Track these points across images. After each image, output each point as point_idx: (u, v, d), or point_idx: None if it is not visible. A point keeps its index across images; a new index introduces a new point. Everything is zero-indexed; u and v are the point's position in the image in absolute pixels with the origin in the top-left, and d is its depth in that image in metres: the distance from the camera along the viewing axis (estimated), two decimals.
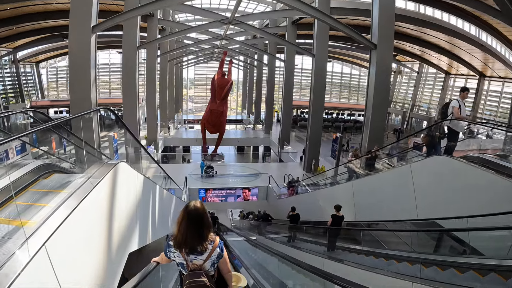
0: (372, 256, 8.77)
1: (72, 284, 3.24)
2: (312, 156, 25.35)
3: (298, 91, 54.63)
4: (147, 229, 6.74)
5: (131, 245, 5.40)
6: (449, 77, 38.93)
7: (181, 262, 3.05)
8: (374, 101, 17.43)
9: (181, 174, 22.84)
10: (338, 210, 10.22)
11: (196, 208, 3.00)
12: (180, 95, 56.83)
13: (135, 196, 5.70)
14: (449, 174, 7.54)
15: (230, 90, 33.44)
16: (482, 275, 5.52)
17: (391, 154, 13.33)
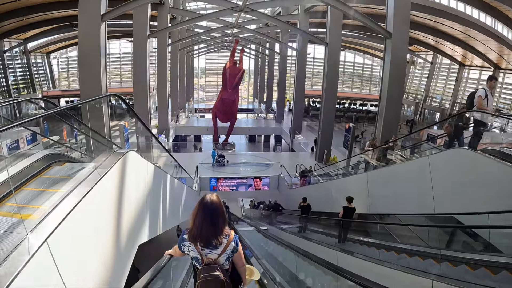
0: (384, 249, 8.66)
1: (77, 279, 3.12)
2: (324, 146, 25.08)
3: (310, 81, 54.02)
4: (158, 220, 6.64)
5: (141, 237, 5.29)
6: (463, 69, 38.02)
7: (196, 256, 2.99)
8: (389, 91, 17.13)
9: (192, 163, 22.77)
10: (350, 202, 10.01)
11: (212, 201, 2.94)
12: (191, 84, 56.67)
13: (145, 186, 5.57)
14: (471, 168, 7.22)
15: (241, 79, 33.19)
16: (494, 272, 5.43)
17: (405, 146, 13.09)
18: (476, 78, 36.08)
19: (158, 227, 6.57)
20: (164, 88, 30.38)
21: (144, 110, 23.35)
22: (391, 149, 12.11)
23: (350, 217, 10.01)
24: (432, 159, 8.59)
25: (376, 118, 18.94)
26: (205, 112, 46.01)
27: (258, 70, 56.25)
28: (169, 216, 7.95)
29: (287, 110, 47.49)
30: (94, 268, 3.58)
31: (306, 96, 44.33)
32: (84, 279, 3.32)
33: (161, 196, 7.06)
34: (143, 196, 5.44)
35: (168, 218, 7.87)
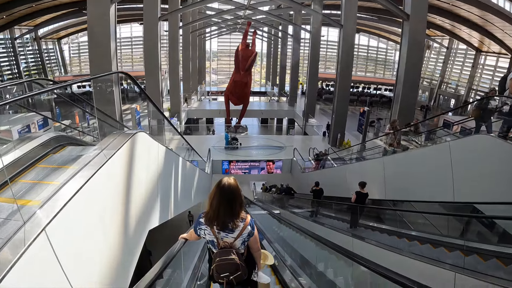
0: (395, 236, 8.56)
1: (81, 269, 2.97)
2: (337, 130, 24.75)
3: (323, 64, 53.29)
4: (169, 204, 6.52)
5: (151, 221, 5.15)
6: (480, 55, 37.05)
7: (212, 239, 3.02)
8: (406, 75, 16.78)
9: (205, 146, 22.70)
10: (362, 187, 9.85)
11: (230, 184, 2.91)
12: (203, 67, 56.43)
13: (155, 168, 5.41)
14: (496, 156, 6.91)
15: (254, 61, 32.87)
16: (506, 264, 5.41)
17: (419, 132, 12.80)
18: (493, 65, 35.18)
19: (169, 211, 6.46)
20: (176, 71, 30.20)
21: (156, 93, 23.27)
22: (414, 133, 11.74)
23: (363, 203, 9.88)
24: (453, 145, 8.23)
25: (392, 102, 18.64)
26: (218, 95, 45.81)
27: (271, 53, 55.76)
28: (180, 200, 7.84)
29: (300, 93, 47.08)
30: (100, 256, 3.41)
31: (319, 79, 43.81)
32: (89, 268, 3.17)
33: (173, 179, 6.91)
34: (153, 179, 5.29)
35: (180, 201, 7.76)
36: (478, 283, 4.64)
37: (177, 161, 7.39)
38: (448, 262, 5.60)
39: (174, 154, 7.03)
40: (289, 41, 44.01)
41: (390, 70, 53.29)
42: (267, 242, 8.42)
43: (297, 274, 5.45)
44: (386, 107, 43.24)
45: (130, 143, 4.12)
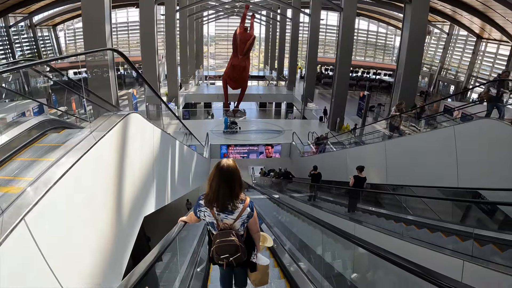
0: (393, 220, 8.57)
1: (67, 262, 2.77)
2: (337, 114, 24.61)
3: (322, 48, 52.69)
4: (165, 189, 6.35)
5: (146, 208, 4.95)
6: (480, 41, 36.48)
7: (211, 221, 3.04)
8: (407, 60, 16.57)
9: (203, 130, 22.62)
10: (360, 171, 9.86)
11: (228, 166, 2.96)
12: (201, 52, 55.79)
13: (150, 152, 5.21)
14: (502, 140, 6.81)
15: (252, 45, 32.48)
16: (502, 250, 5.39)
17: (420, 117, 12.66)
18: (493, 52, 34.72)
19: (166, 196, 6.31)
20: (173, 55, 29.84)
21: (153, 78, 22.95)
22: (420, 116, 11.51)
23: (361, 187, 9.88)
24: (458, 129, 8.03)
25: (393, 87, 18.49)
26: (215, 80, 45.48)
27: (269, 37, 55.16)
28: (178, 185, 7.69)
29: (299, 77, 46.72)
30: (90, 246, 3.19)
31: (318, 64, 43.47)
32: (76, 260, 2.95)
33: (169, 163, 6.71)
34: (148, 163, 5.10)
35: (177, 186, 7.61)
36: (474, 267, 4.65)
37: (174, 144, 7.20)
38: (445, 247, 5.61)
39: (170, 137, 6.83)
40: (287, 25, 43.44)
41: (390, 55, 52.76)
42: (266, 226, 8.38)
43: (296, 258, 5.42)
44: (385, 92, 43.39)
45: (122, 124, 3.90)
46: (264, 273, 3.52)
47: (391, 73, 46.86)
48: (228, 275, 3.67)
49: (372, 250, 2.94)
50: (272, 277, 4.99)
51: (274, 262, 5.83)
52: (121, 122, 3.87)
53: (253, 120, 32.59)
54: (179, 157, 7.89)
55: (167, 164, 6.55)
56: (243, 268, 3.48)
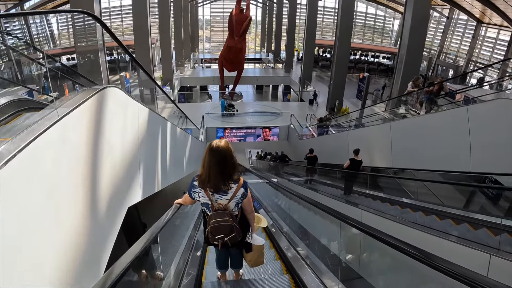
0: (388, 203, 8.44)
1: (18, 267, 2.16)
2: (335, 96, 24.11)
3: (320, 30, 51.73)
4: (155, 174, 5.79)
5: (131, 197, 4.34)
6: (480, 26, 35.60)
7: (206, 202, 3.08)
8: (410, 42, 16.12)
9: (198, 113, 22.08)
10: (356, 154, 9.83)
11: (220, 146, 2.93)
12: (196, 35, 54.86)
13: (135, 133, 4.62)
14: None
15: (248, 26, 31.71)
16: (495, 234, 5.26)
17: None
18: (493, 37, 33.96)
19: (156, 182, 5.75)
20: (167, 38, 29.08)
21: (146, 62, 22.30)
22: (438, 93, 10.71)
23: (357, 170, 9.87)
24: (472, 110, 7.48)
25: (394, 70, 18.00)
26: (211, 63, 44.71)
27: (266, 19, 54.16)
28: (170, 169, 7.12)
29: (296, 60, 46.01)
30: (53, 245, 2.57)
31: (315, 46, 42.76)
32: (33, 262, 2.35)
33: (159, 146, 6.13)
34: (132, 146, 4.49)
35: (170, 171, 7.05)
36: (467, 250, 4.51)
37: (165, 126, 6.61)
38: (439, 229, 5.45)
39: (160, 117, 6.22)
40: (284, 6, 42.63)
41: (388, 38, 51.89)
42: (264, 211, 8.07)
43: (294, 243, 5.20)
44: (384, 74, 43.24)
45: (95, 100, 3.29)
46: (260, 253, 3.59)
47: (390, 56, 46.69)
48: (224, 256, 3.77)
49: (366, 231, 2.79)
50: (268, 258, 5.00)
51: (270, 243, 5.86)
52: (94, 97, 3.26)
53: (250, 103, 32.07)
54: (171, 140, 7.30)
55: (157, 147, 5.93)
56: (239, 249, 3.57)
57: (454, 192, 7.46)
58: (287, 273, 4.43)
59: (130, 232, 4.16)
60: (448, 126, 8.35)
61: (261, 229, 6.60)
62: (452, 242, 4.73)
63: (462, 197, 7.24)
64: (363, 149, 10.11)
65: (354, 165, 9.76)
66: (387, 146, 10.62)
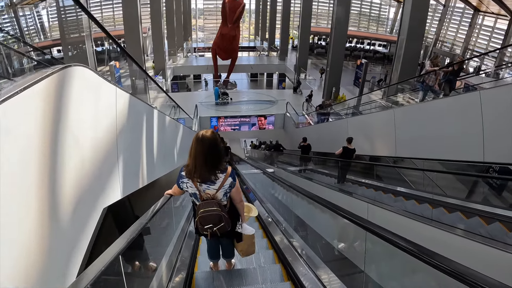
0: (381, 191, 8.33)
1: None
2: (332, 84, 23.61)
3: (314, 18, 50.90)
4: (138, 168, 5.19)
5: (106, 196, 3.72)
6: (477, 14, 35.11)
7: (194, 192, 3.07)
8: (410, 29, 15.80)
9: (192, 102, 21.52)
10: (349, 142, 9.89)
11: (205, 136, 2.93)
12: (189, 24, 53.86)
13: (111, 122, 3.98)
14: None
15: (242, 13, 31.23)
16: (488, 223, 5.29)
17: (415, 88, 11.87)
18: (490, 26, 33.44)
19: (139, 177, 5.16)
20: (159, 27, 28.43)
21: (137, 51, 21.73)
22: (457, 74, 9.90)
23: (349, 158, 9.87)
24: (485, 95, 6.92)
25: (394, 57, 17.68)
26: (205, 51, 43.97)
27: (260, 7, 53.21)
28: (158, 162, 6.52)
29: (291, 48, 45.35)
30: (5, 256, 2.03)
31: (311, 34, 42.16)
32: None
33: (143, 137, 5.51)
34: (108, 137, 3.86)
35: (157, 164, 6.45)
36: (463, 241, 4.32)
37: (150, 114, 5.99)
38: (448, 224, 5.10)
39: (144, 104, 5.59)
40: None
41: (384, 26, 51.26)
42: (259, 202, 7.78)
43: (288, 235, 5.11)
44: (380, 63, 43.02)
45: (53, 81, 2.66)
46: (250, 243, 3.60)
47: (385, 43, 46.41)
48: (215, 246, 3.82)
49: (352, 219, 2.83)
50: (260, 247, 5.05)
51: (262, 233, 5.85)
52: (51, 77, 2.62)
53: (245, 91, 31.54)
54: (159, 130, 6.71)
55: (140, 138, 5.31)
56: (229, 239, 3.58)
57: (465, 183, 7.06)
58: (279, 263, 4.44)
59: (123, 224, 3.68)
60: (458, 112, 7.82)
61: (254, 219, 6.72)
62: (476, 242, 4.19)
63: (475, 188, 6.81)
64: (364, 137, 9.86)
65: (346, 153, 9.79)
66: (390, 134, 10.07)
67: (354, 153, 9.85)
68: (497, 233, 4.91)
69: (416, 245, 1.96)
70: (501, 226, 5.11)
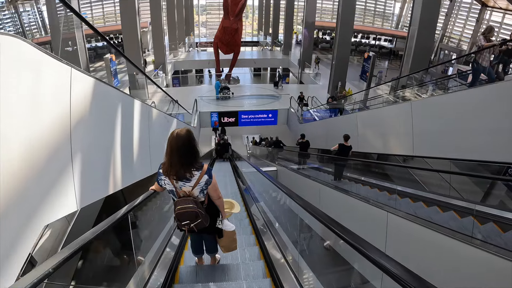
0: (377, 189, 7.86)
1: None
2: (338, 78, 22.84)
3: (319, 13, 49.96)
4: (108, 172, 4.28)
5: (51, 209, 2.92)
6: (485, 9, 34.08)
7: (171, 189, 3.11)
8: (421, 17, 15.31)
9: (191, 97, 20.75)
10: (346, 140, 9.73)
11: (179, 134, 2.94)
12: (191, 19, 53.02)
13: (62, 114, 3.12)
14: None
15: (245, 6, 30.53)
16: (482, 222, 4.81)
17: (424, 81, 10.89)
18: (498, 21, 32.36)
19: (110, 182, 4.28)
20: (159, 20, 27.63)
21: (135, 46, 21.24)
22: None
23: (346, 155, 9.74)
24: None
25: (404, 55, 17.15)
26: (207, 46, 43.12)
27: (263, 1, 52.42)
28: (140, 162, 5.55)
29: (295, 42, 44.51)
30: None
31: (315, 28, 41.35)
32: None
33: (117, 133, 4.58)
34: (56, 133, 3.00)
35: (139, 165, 5.49)
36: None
37: (129, 105, 5.01)
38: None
39: (120, 93, 4.71)
40: None
41: (389, 21, 50.27)
42: (257, 208, 7.07)
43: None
44: (385, 58, 42.51)
45: None
46: (232, 239, 3.61)
47: (391, 38, 45.64)
48: (198, 242, 3.86)
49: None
50: (248, 244, 5.12)
51: (255, 239, 5.45)
52: None
53: (247, 85, 30.78)
54: (142, 125, 5.76)
55: (112, 134, 4.40)
56: (212, 234, 3.61)
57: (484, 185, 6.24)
58: (263, 259, 4.46)
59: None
60: (484, 106, 6.87)
61: (249, 227, 6.43)
62: None
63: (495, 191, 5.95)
64: (375, 133, 8.94)
65: (343, 151, 9.68)
66: (407, 130, 9.10)
67: (350, 150, 9.78)
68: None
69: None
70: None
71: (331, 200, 8.04)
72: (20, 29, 38.34)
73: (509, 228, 4.48)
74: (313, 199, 8.79)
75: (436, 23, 17.11)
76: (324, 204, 8.30)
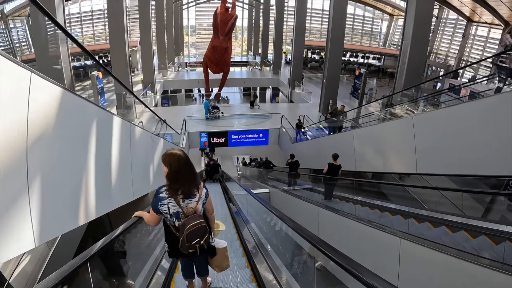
0: (368, 207, 7.91)
1: None
2: (329, 96, 22.70)
3: (307, 32, 50.60)
4: (78, 199, 3.69)
5: (7, 246, 2.43)
6: (471, 25, 34.81)
7: (176, 211, 3.00)
8: (412, 42, 15.39)
9: (180, 117, 20.28)
10: (335, 159, 9.74)
11: (180, 154, 2.96)
12: (181, 39, 53.12)
13: (17, 128, 2.57)
14: None
15: (234, 25, 30.41)
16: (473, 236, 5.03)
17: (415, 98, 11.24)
18: (484, 36, 33.20)
19: (81, 210, 3.70)
20: (148, 39, 27.40)
21: (123, 66, 20.85)
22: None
23: (335, 175, 9.77)
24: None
25: (396, 74, 17.25)
26: (197, 66, 42.99)
27: (252, 21, 53.00)
28: (118, 187, 4.96)
29: (284, 62, 44.65)
30: None
31: (304, 47, 41.60)
32: None
33: (91, 153, 3.99)
34: (7, 152, 2.42)
35: (117, 189, 4.92)
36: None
37: (106, 122, 4.52)
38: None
39: (96, 108, 4.17)
40: (271, 8, 41.48)
41: (377, 40, 51.55)
42: (248, 231, 6.81)
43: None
44: (375, 75, 43.06)
45: None
46: (224, 256, 3.60)
47: (379, 57, 46.41)
48: (189, 265, 3.71)
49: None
50: (239, 266, 5.02)
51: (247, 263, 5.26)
52: None
53: (237, 105, 30.46)
54: (123, 144, 5.22)
55: (85, 153, 3.79)
56: (203, 256, 3.43)
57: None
58: (255, 281, 4.43)
59: None
60: (489, 118, 6.43)
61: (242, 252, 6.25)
62: None
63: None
64: (374, 151, 9.11)
65: (332, 170, 9.70)
66: (409, 146, 8.60)
67: (339, 169, 9.77)
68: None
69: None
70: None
71: (330, 223, 7.79)
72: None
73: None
74: (311, 222, 8.65)
75: (428, 37, 17.22)
76: (323, 228, 8.09)
